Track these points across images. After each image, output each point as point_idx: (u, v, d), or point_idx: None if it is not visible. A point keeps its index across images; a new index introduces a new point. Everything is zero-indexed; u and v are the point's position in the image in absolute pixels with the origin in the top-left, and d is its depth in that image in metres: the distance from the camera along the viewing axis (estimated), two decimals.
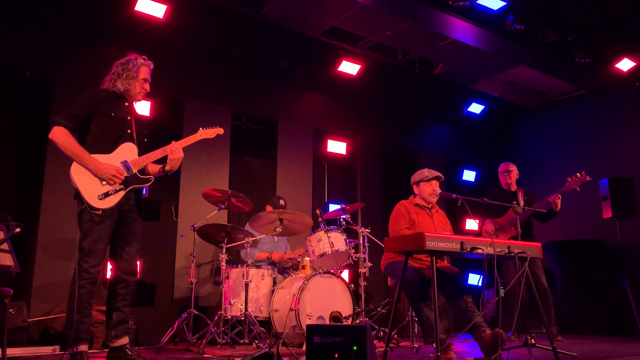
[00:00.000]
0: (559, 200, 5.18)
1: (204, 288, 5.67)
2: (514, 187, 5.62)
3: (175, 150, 3.48)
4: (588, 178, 5.18)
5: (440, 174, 4.20)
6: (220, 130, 3.78)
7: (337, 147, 7.11)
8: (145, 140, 3.58)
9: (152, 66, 3.58)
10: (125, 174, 3.33)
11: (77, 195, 3.23)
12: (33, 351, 4.22)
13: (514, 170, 5.66)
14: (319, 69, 6.79)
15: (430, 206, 4.22)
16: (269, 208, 5.40)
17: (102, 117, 3.35)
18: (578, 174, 5.14)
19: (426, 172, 4.22)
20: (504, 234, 5.34)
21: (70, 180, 3.23)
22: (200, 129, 3.72)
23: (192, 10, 5.63)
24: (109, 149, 3.34)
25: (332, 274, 4.77)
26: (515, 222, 5.30)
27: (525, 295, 3.97)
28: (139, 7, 5.23)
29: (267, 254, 5.43)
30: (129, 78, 3.46)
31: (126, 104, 3.49)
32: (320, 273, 4.68)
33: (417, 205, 4.18)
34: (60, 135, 3.22)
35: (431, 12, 5.86)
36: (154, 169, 3.56)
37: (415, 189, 4.26)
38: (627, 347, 4.65)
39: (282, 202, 5.47)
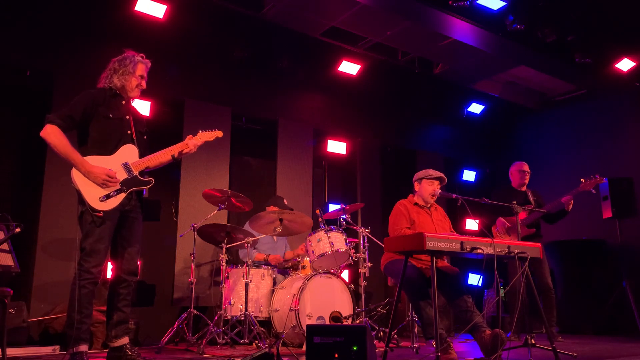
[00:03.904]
0: (572, 202, 5.18)
1: (204, 288, 5.67)
2: (524, 188, 5.61)
3: (192, 147, 3.57)
4: (604, 180, 5.18)
5: (444, 176, 4.21)
6: (220, 133, 3.77)
7: (337, 147, 7.11)
8: (145, 138, 3.57)
9: (149, 64, 3.57)
10: (126, 176, 3.33)
11: (79, 197, 3.23)
12: (33, 351, 4.22)
13: (529, 172, 5.64)
14: (319, 69, 6.79)
15: (428, 205, 4.22)
16: (272, 208, 5.37)
17: (101, 120, 3.34)
18: (592, 176, 5.14)
19: (431, 171, 4.23)
20: (515, 233, 5.33)
21: (71, 181, 3.23)
22: (200, 131, 3.71)
23: (192, 10, 5.63)
24: (109, 151, 3.33)
25: (332, 274, 4.77)
26: (527, 221, 5.32)
27: (526, 295, 3.97)
28: (139, 7, 5.23)
29: (264, 256, 5.42)
30: (126, 74, 3.45)
31: (123, 102, 3.49)
32: (320, 273, 4.68)
33: (416, 204, 4.19)
34: (52, 134, 3.20)
35: (431, 12, 5.86)
36: (163, 159, 3.53)
37: (417, 186, 4.26)
38: (627, 347, 4.65)
39: (285, 201, 5.46)
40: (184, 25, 5.64)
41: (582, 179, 5.19)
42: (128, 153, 3.39)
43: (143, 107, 5.44)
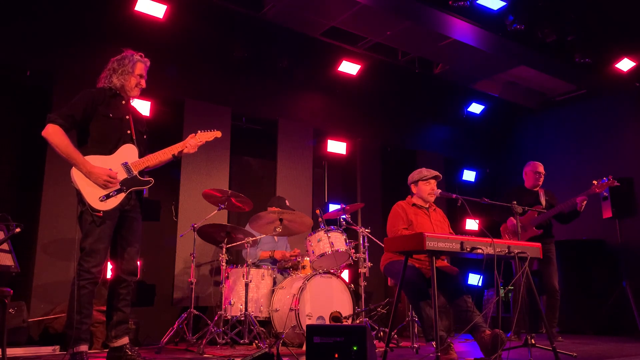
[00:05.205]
0: (585, 203, 5.16)
1: (204, 288, 5.67)
2: (537, 188, 5.56)
3: (192, 146, 3.57)
4: (616, 183, 5.13)
5: (438, 174, 4.20)
6: (219, 134, 3.77)
7: (337, 147, 7.12)
8: (145, 137, 3.57)
9: (148, 63, 3.57)
10: (126, 176, 3.33)
11: (78, 197, 3.23)
12: (33, 351, 4.22)
13: (544, 173, 5.57)
14: (319, 69, 6.79)
15: (427, 205, 4.22)
16: (273, 209, 5.36)
17: (101, 119, 3.34)
18: (605, 178, 5.10)
19: (425, 172, 4.21)
20: (524, 233, 5.30)
21: (71, 180, 3.23)
22: (199, 131, 3.71)
23: (192, 10, 5.63)
24: (109, 150, 3.33)
25: (332, 274, 4.77)
26: (535, 222, 5.30)
27: (526, 295, 3.97)
28: (139, 7, 5.23)
29: (270, 253, 5.44)
30: (125, 73, 3.45)
31: (123, 102, 3.48)
32: (320, 273, 4.68)
33: (414, 205, 4.18)
34: (54, 134, 3.20)
35: (431, 12, 5.85)
36: (162, 158, 3.52)
37: (414, 188, 4.25)
38: (627, 347, 4.65)
39: (287, 202, 5.46)
40: (184, 25, 5.64)
41: (594, 181, 5.13)
42: (128, 153, 3.39)
43: (143, 107, 5.44)
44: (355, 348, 2.83)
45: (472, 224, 7.67)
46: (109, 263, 3.50)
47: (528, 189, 5.55)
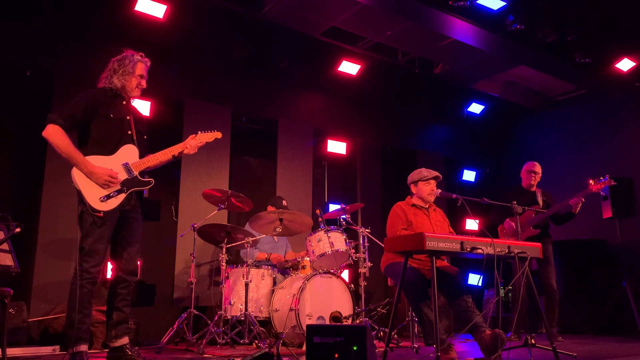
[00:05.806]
0: (580, 205, 5.15)
1: (204, 288, 5.67)
2: (534, 188, 5.59)
3: (192, 147, 3.57)
4: (613, 182, 5.12)
5: (438, 174, 4.19)
6: (219, 134, 3.76)
7: (337, 147, 7.12)
8: (145, 138, 3.57)
9: (149, 63, 3.57)
10: (126, 176, 3.33)
11: (79, 197, 3.23)
12: (33, 351, 4.22)
13: (540, 172, 5.59)
14: (319, 69, 6.79)
15: (427, 206, 4.21)
16: (270, 208, 5.38)
17: (102, 120, 3.34)
18: (602, 177, 5.09)
19: (425, 172, 4.21)
20: (522, 233, 5.31)
21: (71, 180, 3.23)
22: (200, 132, 3.71)
23: (192, 10, 5.63)
24: (109, 151, 3.33)
25: (332, 274, 4.77)
26: (533, 222, 5.30)
27: (526, 295, 3.97)
28: (139, 7, 5.23)
29: (266, 255, 5.43)
30: (125, 74, 3.45)
31: (124, 102, 3.48)
32: (320, 273, 4.69)
33: (413, 205, 4.18)
34: (54, 134, 3.20)
35: (431, 12, 5.86)
36: (163, 159, 3.52)
37: (413, 189, 4.25)
38: (627, 347, 4.65)
39: (284, 202, 5.46)
40: (184, 25, 5.64)
41: (590, 180, 5.14)
42: (128, 153, 3.39)
43: (143, 107, 5.44)
44: (355, 348, 2.83)
45: (472, 224, 7.67)
46: (109, 263, 3.50)
47: (525, 189, 5.57)
